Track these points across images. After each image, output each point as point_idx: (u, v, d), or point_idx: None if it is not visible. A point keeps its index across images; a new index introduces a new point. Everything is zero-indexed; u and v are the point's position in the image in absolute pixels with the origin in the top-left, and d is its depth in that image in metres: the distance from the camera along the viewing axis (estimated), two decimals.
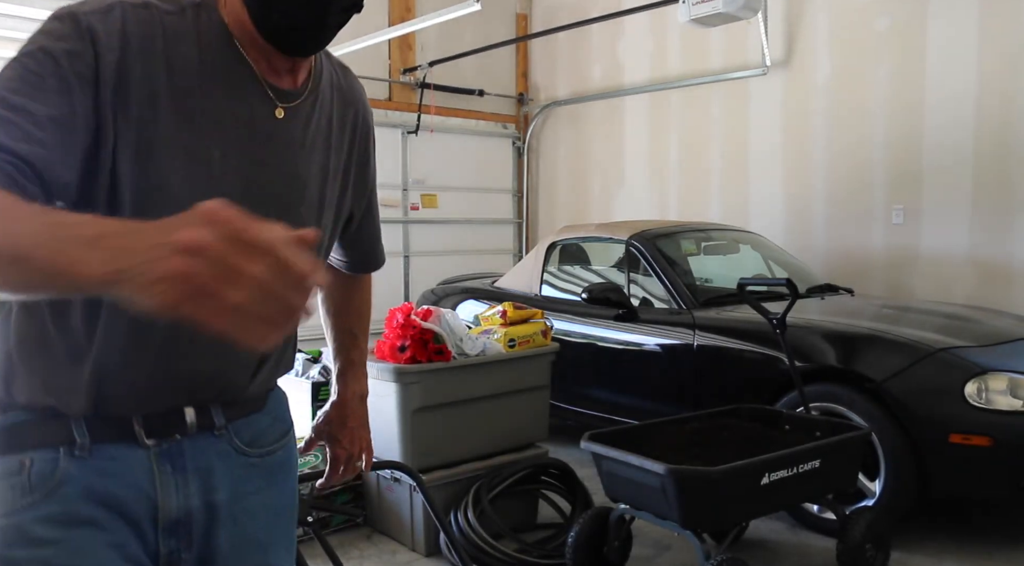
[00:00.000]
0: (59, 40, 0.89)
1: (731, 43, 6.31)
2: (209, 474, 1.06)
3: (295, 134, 1.06)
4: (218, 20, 0.99)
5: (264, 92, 1.02)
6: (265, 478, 1.13)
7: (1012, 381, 3.12)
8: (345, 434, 1.40)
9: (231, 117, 0.99)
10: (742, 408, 3.25)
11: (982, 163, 5.06)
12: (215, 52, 0.99)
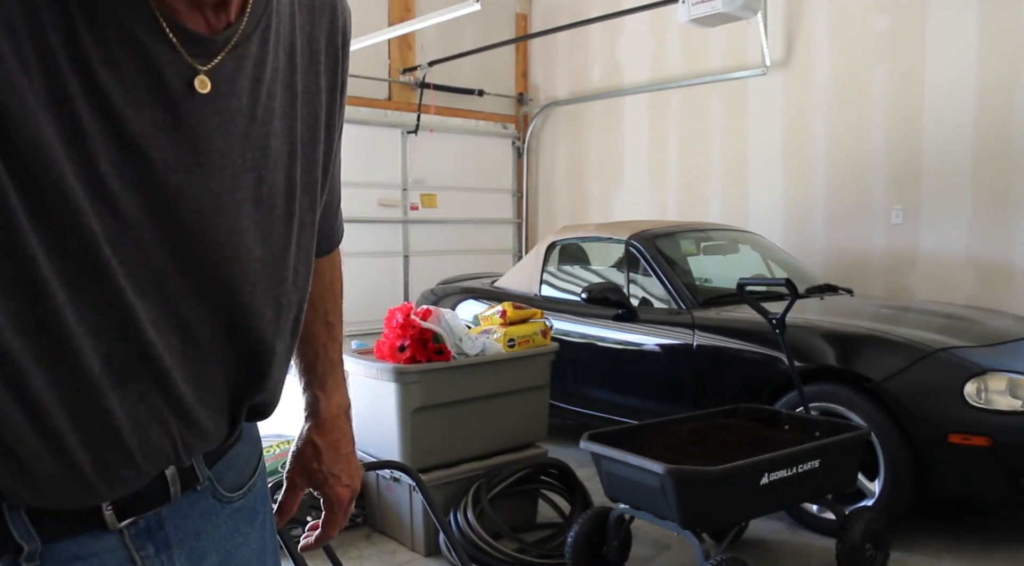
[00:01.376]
0: None
1: (731, 43, 6.32)
2: (196, 540, 0.84)
3: (237, 101, 0.68)
4: None
5: (171, 49, 0.62)
6: (249, 521, 0.94)
7: (1011, 381, 3.13)
8: (342, 466, 1.04)
9: (130, 103, 0.61)
10: (741, 408, 3.25)
11: (982, 163, 5.06)
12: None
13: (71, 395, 0.64)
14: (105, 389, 0.66)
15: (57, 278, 0.61)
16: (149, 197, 0.64)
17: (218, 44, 0.66)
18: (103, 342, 0.65)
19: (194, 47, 0.64)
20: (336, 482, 1.04)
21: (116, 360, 0.66)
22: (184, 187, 0.66)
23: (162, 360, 0.69)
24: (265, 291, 0.77)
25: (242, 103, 0.69)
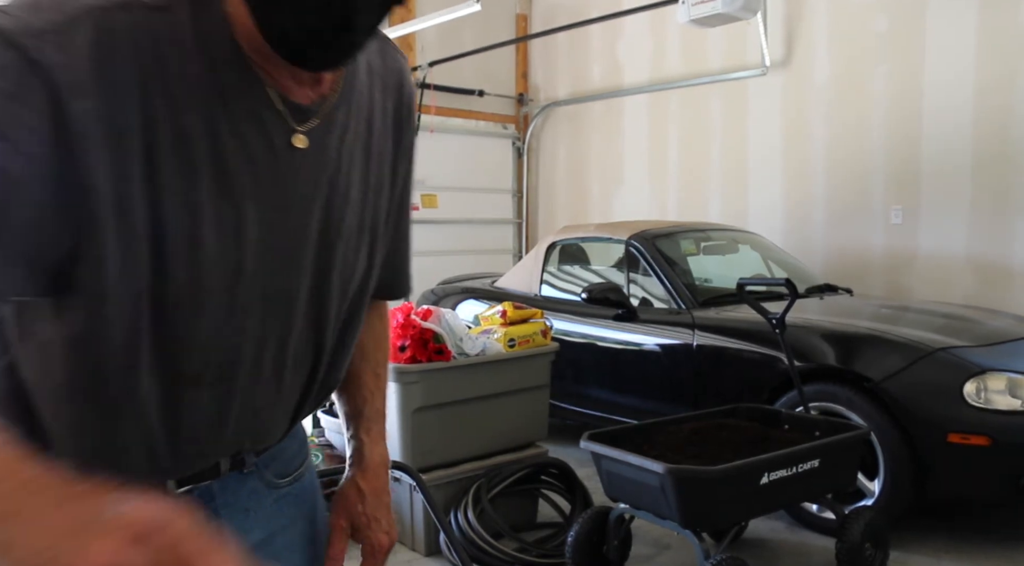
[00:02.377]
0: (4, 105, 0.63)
1: (730, 44, 6.32)
2: (244, 516, 0.96)
3: (325, 158, 0.83)
4: (220, 20, 0.73)
5: (280, 114, 0.78)
6: (296, 507, 1.04)
7: (1011, 381, 3.13)
8: (383, 513, 1.07)
9: (243, 157, 0.76)
10: (741, 408, 3.26)
11: (981, 163, 5.06)
12: (218, 67, 0.73)
13: (169, 396, 0.79)
14: (198, 392, 0.81)
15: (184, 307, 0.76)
16: (252, 233, 0.78)
17: (313, 112, 0.81)
18: (209, 352, 0.80)
19: (296, 114, 0.79)
20: (378, 527, 1.06)
21: (214, 368, 0.81)
22: (281, 221, 0.80)
23: (252, 369, 0.84)
24: (334, 312, 0.91)
25: (329, 158, 0.84)
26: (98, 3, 0.67)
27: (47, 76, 0.64)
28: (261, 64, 0.76)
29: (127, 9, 0.69)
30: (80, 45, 0.65)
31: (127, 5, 0.69)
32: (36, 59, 0.63)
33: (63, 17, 0.66)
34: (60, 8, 0.66)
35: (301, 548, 1.04)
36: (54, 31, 0.65)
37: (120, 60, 0.67)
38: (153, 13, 0.70)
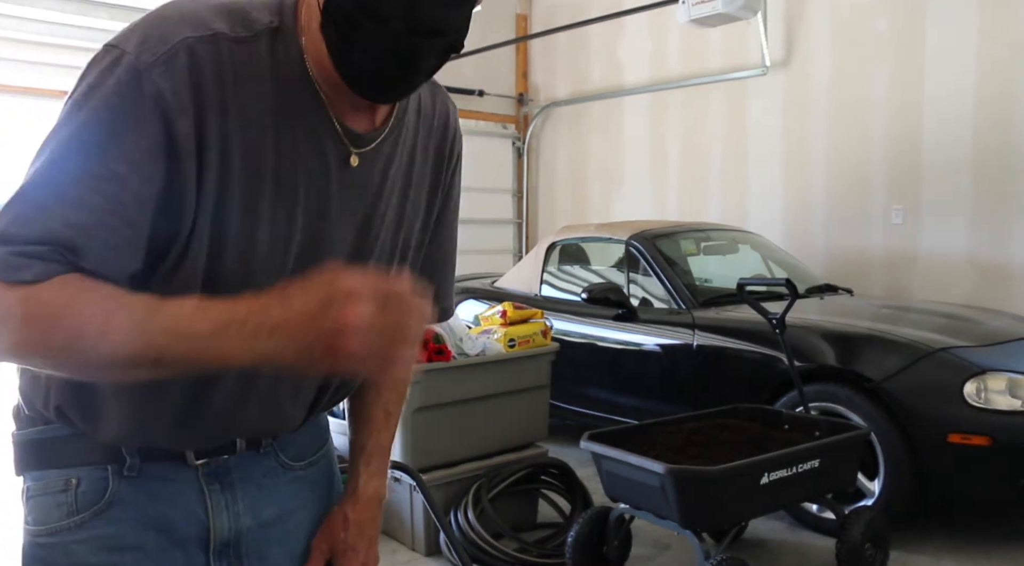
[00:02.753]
0: (122, 115, 0.77)
1: (731, 43, 6.32)
2: (258, 491, 1.02)
3: (370, 181, 0.95)
4: (296, 51, 0.86)
5: (338, 137, 0.90)
6: (311, 489, 1.10)
7: (1011, 381, 3.13)
8: (364, 545, 1.11)
9: (302, 171, 0.88)
10: (741, 408, 3.26)
11: (981, 163, 5.06)
12: (289, 93, 0.86)
13: (198, 379, 0.88)
14: (226, 379, 0.91)
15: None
16: (298, 236, 0.90)
17: (366, 139, 0.93)
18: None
19: (351, 138, 0.91)
20: (354, 556, 1.10)
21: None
22: (323, 230, 0.92)
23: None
24: None
25: (375, 180, 0.95)
26: (193, 35, 0.81)
27: (160, 103, 0.78)
28: (327, 91, 0.88)
29: (215, 41, 0.82)
30: (180, 71, 0.79)
31: (215, 37, 0.82)
32: (153, 90, 0.78)
33: (167, 48, 0.79)
34: (164, 40, 0.80)
35: (312, 530, 1.09)
36: (163, 63, 0.79)
37: (207, 84, 0.81)
38: (237, 44, 0.83)
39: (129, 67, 0.77)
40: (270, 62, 0.85)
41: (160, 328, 0.74)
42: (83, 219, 0.75)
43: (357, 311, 0.69)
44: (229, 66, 0.82)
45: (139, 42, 0.79)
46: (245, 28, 0.84)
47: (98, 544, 0.91)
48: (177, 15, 0.82)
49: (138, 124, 0.77)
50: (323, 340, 0.70)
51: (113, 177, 0.76)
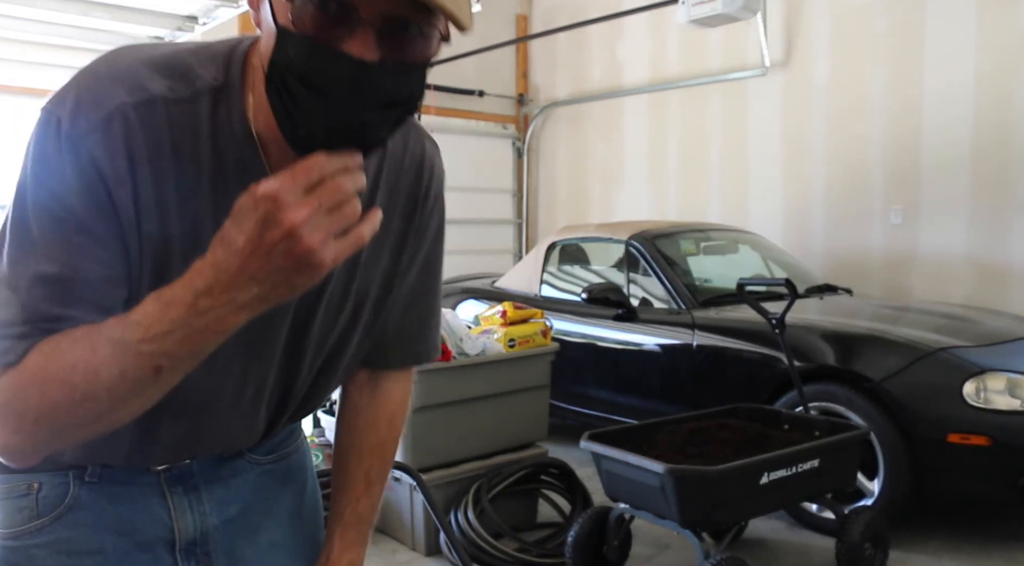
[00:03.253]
0: (67, 188, 0.76)
1: (730, 44, 6.33)
2: (224, 488, 1.02)
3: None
4: (239, 111, 0.82)
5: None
6: (281, 483, 1.09)
7: (1010, 381, 3.13)
8: None
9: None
10: (741, 408, 3.26)
11: (980, 163, 5.07)
12: (229, 155, 0.82)
13: (150, 418, 0.85)
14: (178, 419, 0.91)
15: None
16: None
17: None
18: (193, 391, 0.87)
19: None
20: None
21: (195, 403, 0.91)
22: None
23: (231, 403, 0.94)
24: (307, 362, 0.98)
25: None
26: (129, 99, 0.78)
27: (98, 170, 0.77)
28: (274, 149, 0.83)
29: (151, 105, 0.79)
30: (115, 139, 0.77)
31: (151, 101, 0.79)
32: (90, 158, 0.76)
33: (103, 114, 0.77)
34: (99, 104, 0.78)
35: (285, 522, 1.09)
36: (99, 129, 0.77)
37: (141, 153, 0.79)
38: (175, 106, 0.80)
39: (66, 136, 0.76)
40: (210, 123, 0.82)
41: (139, 339, 0.72)
42: (56, 291, 0.76)
43: (289, 209, 0.67)
44: (166, 132, 0.80)
45: (73, 107, 0.77)
46: (186, 86, 0.81)
47: (57, 548, 0.92)
48: (111, 75, 0.80)
49: (83, 193, 0.76)
50: (282, 256, 0.68)
51: (75, 247, 0.76)
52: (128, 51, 0.83)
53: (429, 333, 1.12)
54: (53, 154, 0.76)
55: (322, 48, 0.71)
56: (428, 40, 0.75)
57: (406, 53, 0.74)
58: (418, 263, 1.05)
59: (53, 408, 0.75)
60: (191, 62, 0.82)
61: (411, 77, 0.77)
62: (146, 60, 0.81)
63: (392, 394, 1.13)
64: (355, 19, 0.71)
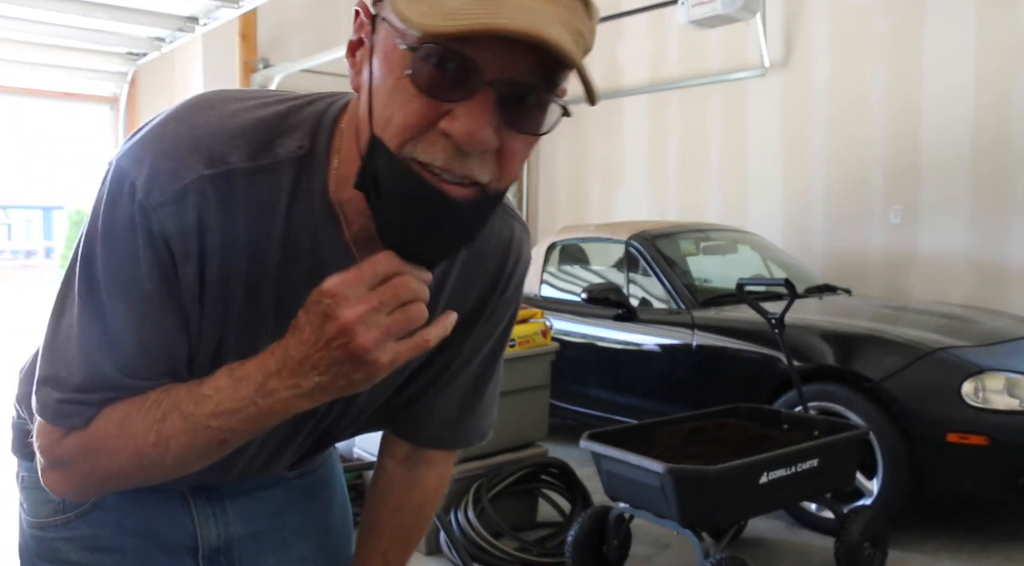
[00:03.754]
0: (135, 258, 0.75)
1: (730, 44, 6.33)
2: (249, 500, 1.02)
3: None
4: (320, 184, 0.79)
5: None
6: (308, 498, 1.09)
7: (1009, 380, 3.14)
8: None
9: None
10: (741, 407, 3.27)
11: (979, 164, 5.08)
12: (304, 225, 0.80)
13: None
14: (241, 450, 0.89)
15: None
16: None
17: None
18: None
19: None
20: None
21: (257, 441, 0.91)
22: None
23: (259, 447, 0.93)
24: (340, 427, 0.99)
25: None
26: (207, 171, 0.76)
27: (167, 243, 0.75)
28: (354, 216, 0.80)
29: (229, 177, 0.76)
30: (189, 213, 0.75)
31: (230, 173, 0.76)
32: (160, 231, 0.75)
33: (178, 187, 0.75)
34: (176, 176, 0.75)
35: (314, 538, 1.08)
36: (173, 203, 0.75)
37: (214, 227, 0.77)
38: (255, 176, 0.77)
39: (139, 207, 0.74)
40: (290, 194, 0.79)
41: (209, 413, 0.74)
42: (123, 360, 0.77)
43: (346, 305, 0.68)
44: (242, 203, 0.77)
45: (149, 174, 0.75)
46: (268, 155, 0.78)
47: (81, 543, 0.94)
48: (192, 143, 0.76)
49: (151, 265, 0.76)
50: (339, 351, 0.69)
51: (141, 317, 0.77)
52: (213, 111, 0.79)
53: (479, 420, 1.06)
54: (124, 222, 0.75)
55: (413, 177, 0.69)
56: (546, 113, 0.71)
57: (523, 123, 0.70)
58: (484, 350, 1.00)
59: (120, 472, 0.78)
60: (277, 127, 0.79)
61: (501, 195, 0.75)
62: (230, 126, 0.78)
63: (427, 480, 1.09)
64: (476, 81, 0.66)
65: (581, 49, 0.69)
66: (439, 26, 0.63)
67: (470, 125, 0.67)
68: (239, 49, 6.47)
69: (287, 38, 6.75)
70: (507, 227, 0.95)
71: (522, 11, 0.64)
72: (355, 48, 0.75)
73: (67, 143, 27.03)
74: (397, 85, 0.69)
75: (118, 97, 6.81)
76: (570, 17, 0.68)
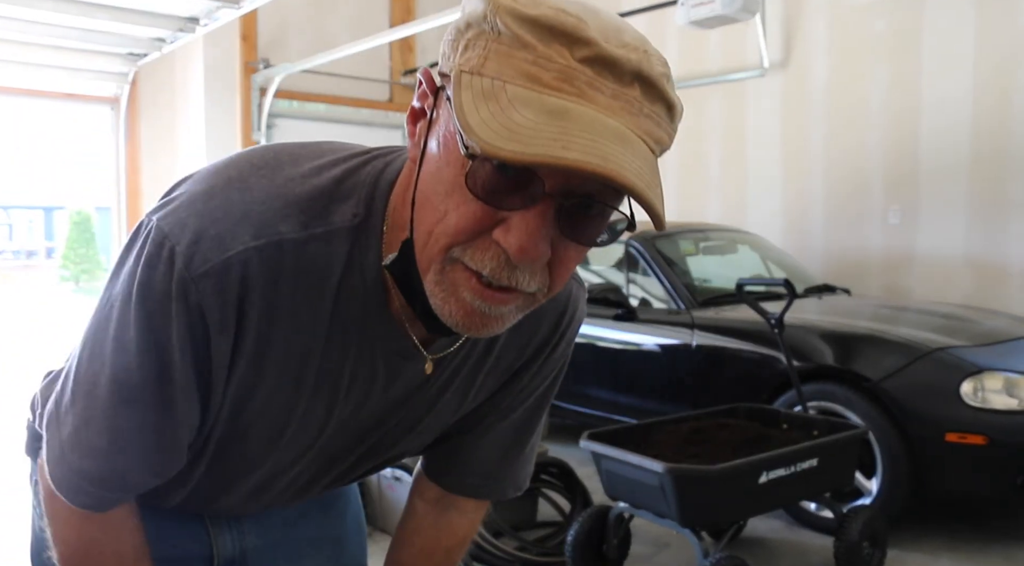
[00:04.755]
0: (168, 334, 0.72)
1: (729, 45, 6.34)
2: (264, 513, 1.01)
3: (428, 388, 0.87)
4: (375, 255, 0.75)
5: (402, 344, 0.81)
6: (322, 509, 1.08)
7: (1008, 380, 3.15)
8: None
9: (351, 376, 0.81)
10: (740, 407, 3.27)
11: (978, 164, 5.08)
12: (355, 296, 0.76)
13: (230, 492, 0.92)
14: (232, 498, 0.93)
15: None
16: (332, 425, 0.86)
17: (436, 348, 0.83)
18: (253, 486, 0.91)
19: (425, 344, 0.82)
20: None
21: (253, 490, 0.92)
22: (358, 418, 0.87)
23: (285, 488, 0.94)
24: (364, 470, 0.98)
25: (435, 387, 0.87)
26: (255, 243, 0.71)
27: (203, 316, 0.71)
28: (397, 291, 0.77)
29: (278, 248, 0.72)
30: (231, 286, 0.71)
31: (280, 244, 0.71)
32: (198, 302, 0.70)
33: (223, 258, 0.70)
34: (221, 246, 0.70)
35: (326, 547, 1.08)
36: (215, 275, 0.70)
37: (255, 299, 0.72)
38: (304, 245, 0.73)
39: (179, 277, 0.70)
40: (342, 263, 0.75)
41: None
42: (146, 461, 0.78)
43: None
44: (289, 273, 0.72)
45: (192, 241, 0.70)
46: (322, 223, 0.73)
47: None
48: (243, 211, 0.71)
49: (184, 338, 0.72)
50: None
51: (166, 413, 0.76)
52: (266, 177, 0.74)
53: (517, 471, 1.02)
54: (162, 288, 0.71)
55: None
56: (606, 219, 0.67)
57: (581, 234, 0.66)
58: (529, 402, 0.97)
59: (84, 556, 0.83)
60: (332, 194, 0.74)
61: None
62: (284, 194, 0.73)
63: (458, 526, 1.05)
64: (536, 192, 0.62)
65: (657, 162, 0.66)
66: (503, 150, 0.58)
67: (523, 239, 0.63)
68: (239, 49, 6.48)
69: (287, 38, 6.76)
70: (565, 287, 0.91)
71: (596, 138, 0.59)
72: (416, 117, 0.71)
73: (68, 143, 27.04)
74: (455, 182, 0.64)
75: (119, 97, 6.82)
76: (652, 127, 0.64)
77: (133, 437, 0.76)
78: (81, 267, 21.90)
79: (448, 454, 1.00)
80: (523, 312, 0.72)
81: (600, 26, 0.62)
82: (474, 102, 0.60)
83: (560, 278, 0.69)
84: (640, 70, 0.63)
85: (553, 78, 0.61)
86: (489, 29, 0.62)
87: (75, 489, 0.78)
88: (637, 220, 0.67)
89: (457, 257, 0.66)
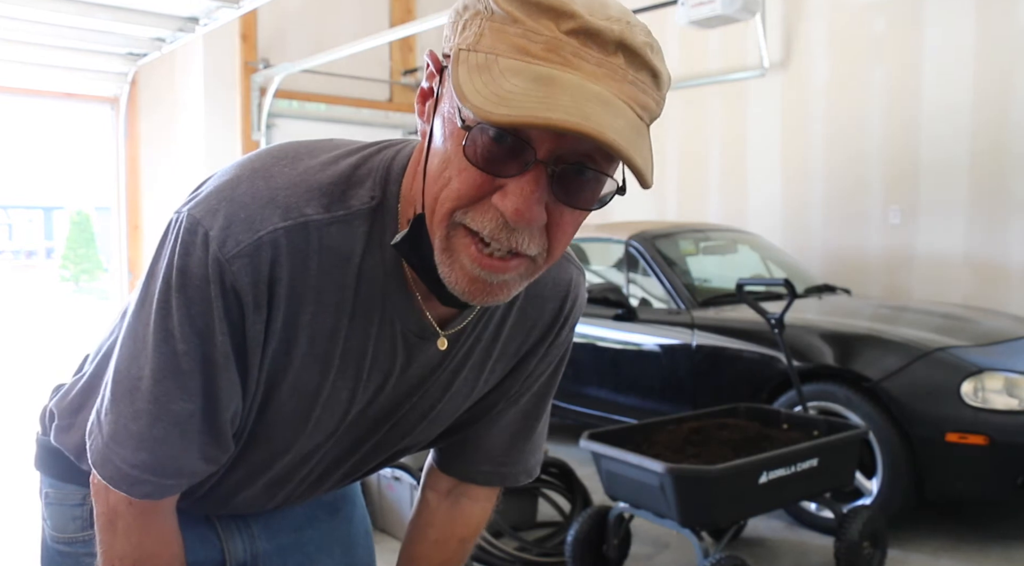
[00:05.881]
0: (207, 316, 0.75)
1: (729, 45, 6.34)
2: (271, 515, 1.03)
3: (445, 364, 0.91)
4: (391, 237, 0.80)
5: (419, 322, 0.85)
6: (330, 512, 1.10)
7: (1008, 380, 3.15)
8: None
9: (373, 354, 0.85)
10: (740, 407, 3.27)
11: (978, 164, 5.08)
12: (376, 275, 0.81)
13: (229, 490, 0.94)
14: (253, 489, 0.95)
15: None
16: (355, 408, 0.89)
17: (451, 325, 0.87)
18: (277, 473, 0.93)
19: (440, 323, 0.86)
20: None
21: (274, 479, 0.94)
22: (378, 401, 0.90)
23: (303, 478, 0.96)
24: (379, 460, 1.01)
25: (452, 363, 0.91)
26: (282, 224, 0.75)
27: (238, 295, 0.75)
28: (416, 281, 0.82)
29: (304, 229, 0.76)
30: (262, 266, 0.75)
31: (305, 225, 0.76)
32: (232, 283, 0.75)
33: (253, 239, 0.74)
34: (250, 227, 0.75)
35: (335, 551, 1.10)
36: (247, 255, 0.74)
37: (285, 278, 0.77)
38: (328, 227, 0.77)
39: (213, 258, 0.74)
40: (363, 243, 0.79)
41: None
42: (190, 450, 0.81)
43: None
44: (315, 253, 0.77)
45: (224, 225, 0.74)
46: (342, 206, 0.78)
47: None
48: (269, 195, 0.76)
49: (221, 319, 0.76)
50: None
51: (212, 397, 0.79)
52: (288, 166, 0.79)
53: (527, 457, 1.06)
54: (199, 272, 0.74)
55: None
56: (600, 187, 0.73)
57: (575, 198, 0.71)
58: (535, 388, 1.01)
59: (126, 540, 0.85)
60: (350, 179, 0.79)
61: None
62: (307, 180, 0.78)
63: (470, 515, 1.08)
64: (528, 159, 0.67)
65: (645, 127, 0.72)
66: (493, 114, 0.63)
67: (518, 203, 0.67)
68: (239, 49, 6.48)
69: (287, 38, 6.76)
70: (565, 273, 0.96)
71: (580, 101, 0.63)
72: (425, 97, 0.77)
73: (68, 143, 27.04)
74: (456, 151, 0.70)
75: (119, 97, 6.81)
76: (636, 93, 0.70)
77: (183, 422, 0.78)
78: (81, 267, 21.91)
79: (460, 444, 1.03)
80: (527, 280, 0.76)
81: (585, 1, 0.67)
82: (469, 75, 0.65)
83: (558, 242, 0.74)
84: (623, 39, 0.67)
85: (541, 49, 0.65)
86: (484, 9, 0.68)
87: (132, 480, 0.80)
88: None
89: (460, 221, 0.71)
